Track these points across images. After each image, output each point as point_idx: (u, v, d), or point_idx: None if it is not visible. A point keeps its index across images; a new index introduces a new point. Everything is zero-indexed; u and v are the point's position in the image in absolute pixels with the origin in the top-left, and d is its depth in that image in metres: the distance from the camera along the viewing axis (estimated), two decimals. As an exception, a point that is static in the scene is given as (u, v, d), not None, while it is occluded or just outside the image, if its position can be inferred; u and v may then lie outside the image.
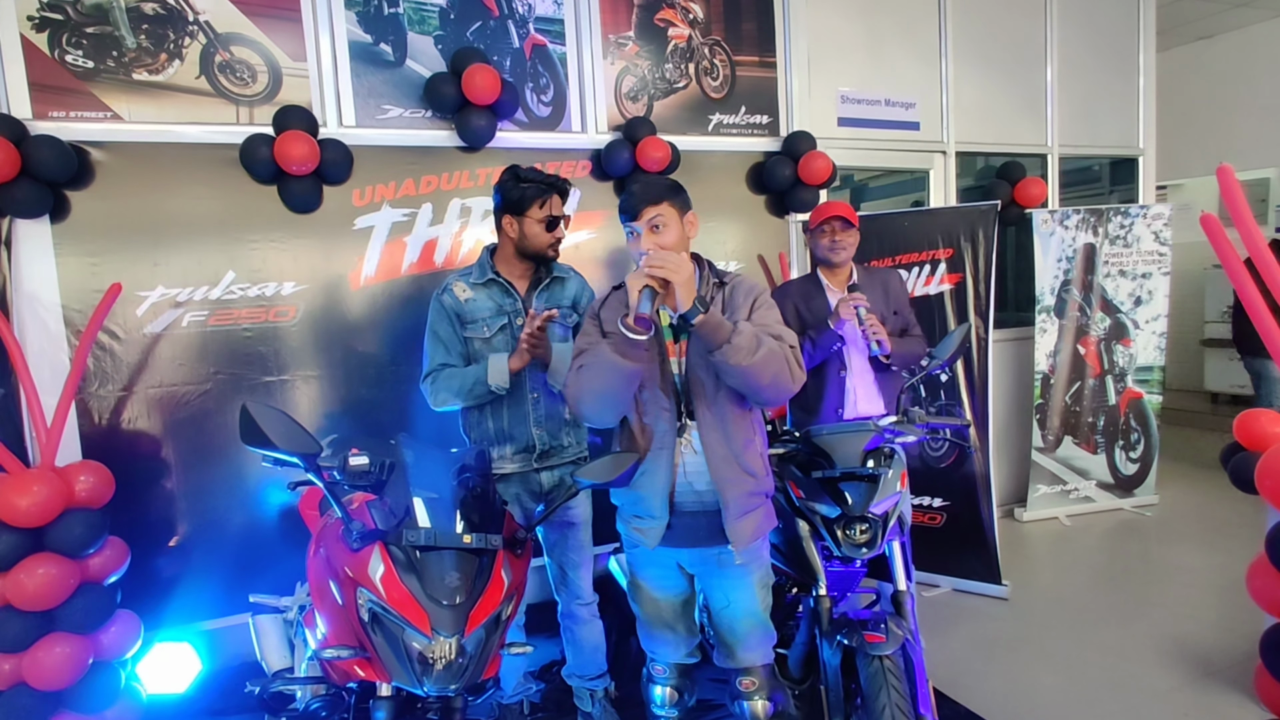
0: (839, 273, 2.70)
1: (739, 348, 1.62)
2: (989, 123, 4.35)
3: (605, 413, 1.76)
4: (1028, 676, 2.73)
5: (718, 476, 1.79)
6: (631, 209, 1.75)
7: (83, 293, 2.65)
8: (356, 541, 1.55)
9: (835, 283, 2.70)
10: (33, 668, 2.20)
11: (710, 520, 1.83)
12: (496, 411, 2.27)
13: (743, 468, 1.81)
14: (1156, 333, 4.36)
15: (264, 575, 2.80)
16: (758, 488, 1.85)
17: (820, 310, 2.66)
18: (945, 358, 2.30)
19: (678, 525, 1.84)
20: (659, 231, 1.74)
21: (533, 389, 2.28)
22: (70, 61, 2.63)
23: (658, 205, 1.74)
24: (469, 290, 2.28)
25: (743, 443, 1.82)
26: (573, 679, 2.46)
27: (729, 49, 3.64)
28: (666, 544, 1.86)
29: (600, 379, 1.68)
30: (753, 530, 1.84)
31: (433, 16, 3.10)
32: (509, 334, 2.27)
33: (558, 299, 2.34)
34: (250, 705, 2.53)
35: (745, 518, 1.82)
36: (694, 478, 1.83)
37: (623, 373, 1.66)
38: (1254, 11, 6.24)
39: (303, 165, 2.73)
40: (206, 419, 2.84)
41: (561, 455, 2.35)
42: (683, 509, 1.84)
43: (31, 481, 2.17)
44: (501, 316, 2.27)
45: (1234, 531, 3.94)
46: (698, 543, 1.85)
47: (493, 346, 2.26)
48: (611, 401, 1.73)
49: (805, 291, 2.73)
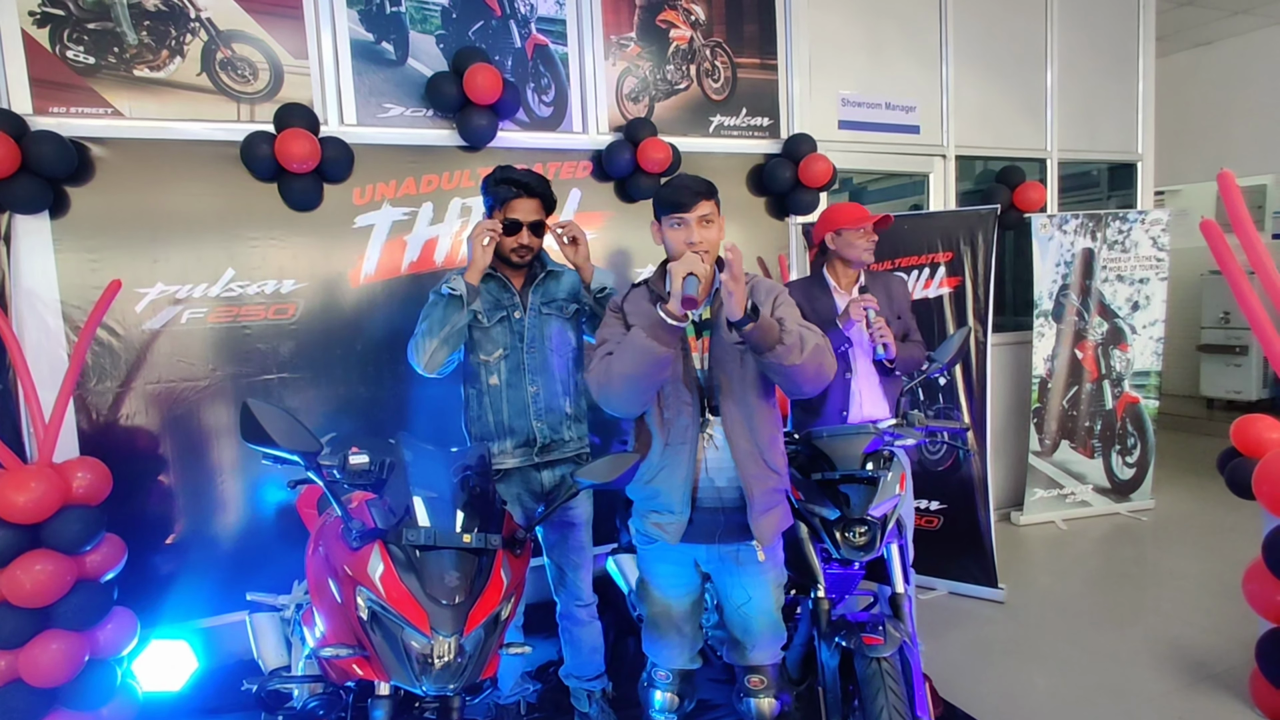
0: (847, 274, 2.65)
1: (791, 348, 1.67)
2: (989, 127, 4.37)
3: (634, 400, 1.76)
4: (1023, 679, 2.74)
5: (744, 472, 1.81)
6: (683, 202, 1.78)
7: (82, 289, 2.65)
8: (356, 540, 1.55)
9: (842, 284, 2.66)
10: (28, 665, 2.19)
11: (729, 517, 1.84)
12: (497, 405, 2.28)
13: (767, 464, 1.84)
14: (1154, 338, 4.37)
15: (261, 573, 2.80)
16: (779, 484, 1.88)
17: (826, 311, 2.62)
18: (944, 361, 2.31)
19: (697, 521, 1.85)
20: (708, 226, 1.79)
21: (532, 381, 2.28)
22: (71, 57, 2.62)
23: (709, 200, 1.80)
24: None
25: (768, 439, 1.84)
26: (570, 679, 2.46)
27: (730, 51, 3.65)
28: (686, 540, 1.86)
29: (633, 364, 1.68)
30: (775, 526, 1.86)
31: (435, 15, 3.10)
32: (507, 327, 2.28)
33: (554, 293, 2.34)
34: (247, 703, 2.53)
35: (769, 514, 1.84)
36: (715, 474, 1.84)
37: (656, 358, 1.67)
38: (1253, 18, 6.26)
39: (303, 163, 2.73)
40: (204, 416, 2.84)
41: (563, 450, 2.35)
42: (703, 505, 1.85)
43: (29, 478, 2.17)
44: (500, 310, 2.27)
45: (1230, 537, 3.95)
46: (716, 539, 1.86)
47: (490, 338, 2.26)
48: (643, 388, 1.73)
49: (810, 292, 2.69)
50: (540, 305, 2.31)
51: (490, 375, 2.27)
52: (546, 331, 2.31)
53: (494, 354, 2.27)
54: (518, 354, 2.28)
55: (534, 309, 2.30)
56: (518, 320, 2.28)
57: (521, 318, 2.28)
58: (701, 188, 1.79)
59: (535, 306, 2.30)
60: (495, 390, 2.27)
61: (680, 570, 1.93)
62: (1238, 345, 6.34)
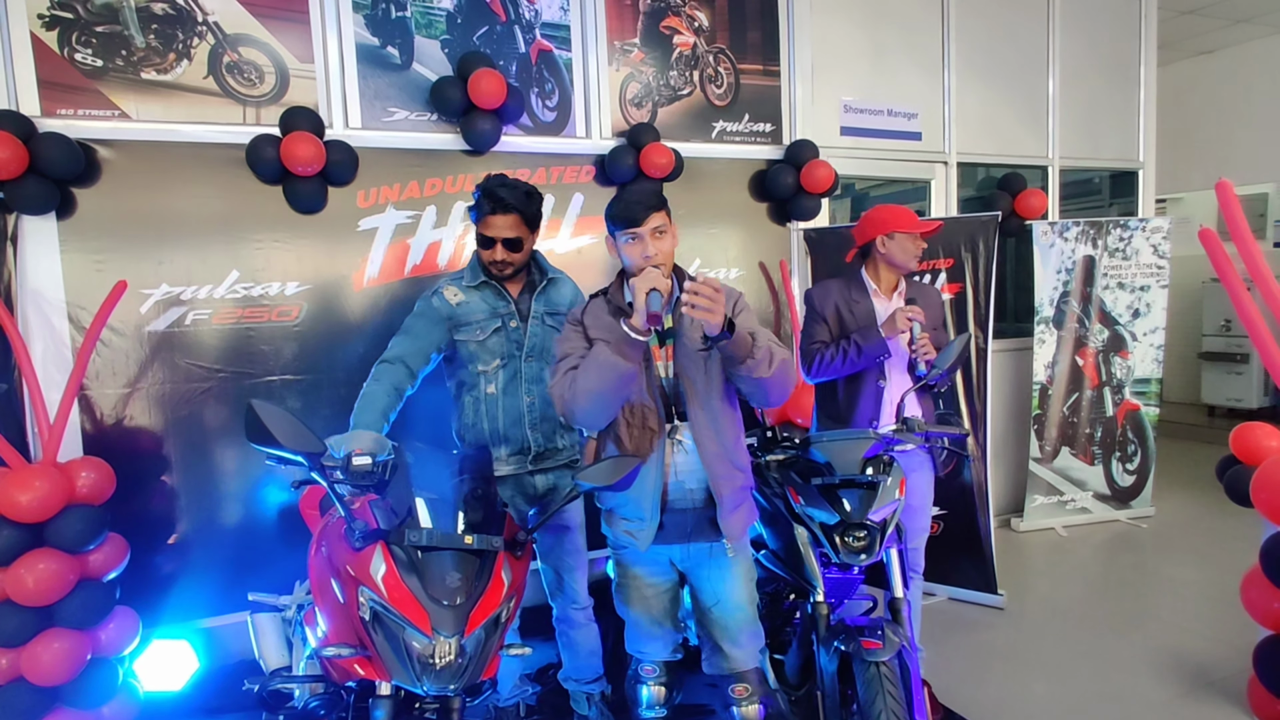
0: (888, 278, 2.55)
1: (761, 361, 1.73)
2: (990, 134, 4.38)
3: (600, 414, 1.80)
4: (1022, 686, 2.74)
5: (712, 473, 1.85)
6: (633, 216, 1.78)
7: (87, 289, 2.66)
8: (359, 541, 1.56)
9: (882, 288, 2.55)
10: (31, 663, 2.20)
11: (699, 515, 1.89)
12: (493, 413, 2.28)
13: (733, 464, 1.90)
14: (1154, 345, 4.38)
15: (262, 574, 2.81)
16: (745, 483, 1.94)
17: (865, 315, 2.51)
18: (945, 367, 2.31)
19: (669, 523, 1.90)
20: (662, 237, 1.80)
21: (529, 391, 2.29)
22: (79, 60, 2.64)
23: (659, 212, 1.81)
24: (461, 294, 2.27)
25: (732, 439, 1.90)
26: (569, 683, 2.46)
27: (733, 57, 3.67)
28: (658, 543, 1.90)
29: (598, 380, 1.72)
30: (743, 523, 1.93)
31: (440, 20, 3.13)
32: (503, 336, 2.26)
33: (555, 302, 2.34)
34: (248, 703, 2.53)
35: (737, 511, 1.90)
36: (685, 476, 1.89)
37: (621, 374, 1.71)
38: (1254, 28, 6.28)
39: (308, 166, 2.75)
40: (208, 417, 2.85)
41: (556, 458, 2.36)
42: (674, 507, 1.90)
43: (33, 477, 2.18)
44: (495, 319, 2.26)
45: (1230, 544, 3.95)
46: (689, 538, 1.91)
47: (487, 349, 2.25)
48: (608, 401, 1.77)
49: (848, 294, 2.56)
50: (544, 314, 2.30)
51: (488, 384, 2.27)
52: (549, 342, 2.28)
53: (491, 364, 2.26)
54: (515, 363, 2.28)
55: (537, 318, 2.29)
56: (514, 329, 2.26)
57: (519, 326, 2.27)
58: (651, 201, 1.80)
59: (539, 315, 2.29)
60: (491, 399, 2.27)
61: (656, 568, 1.98)
62: (1239, 353, 6.33)
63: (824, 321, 2.56)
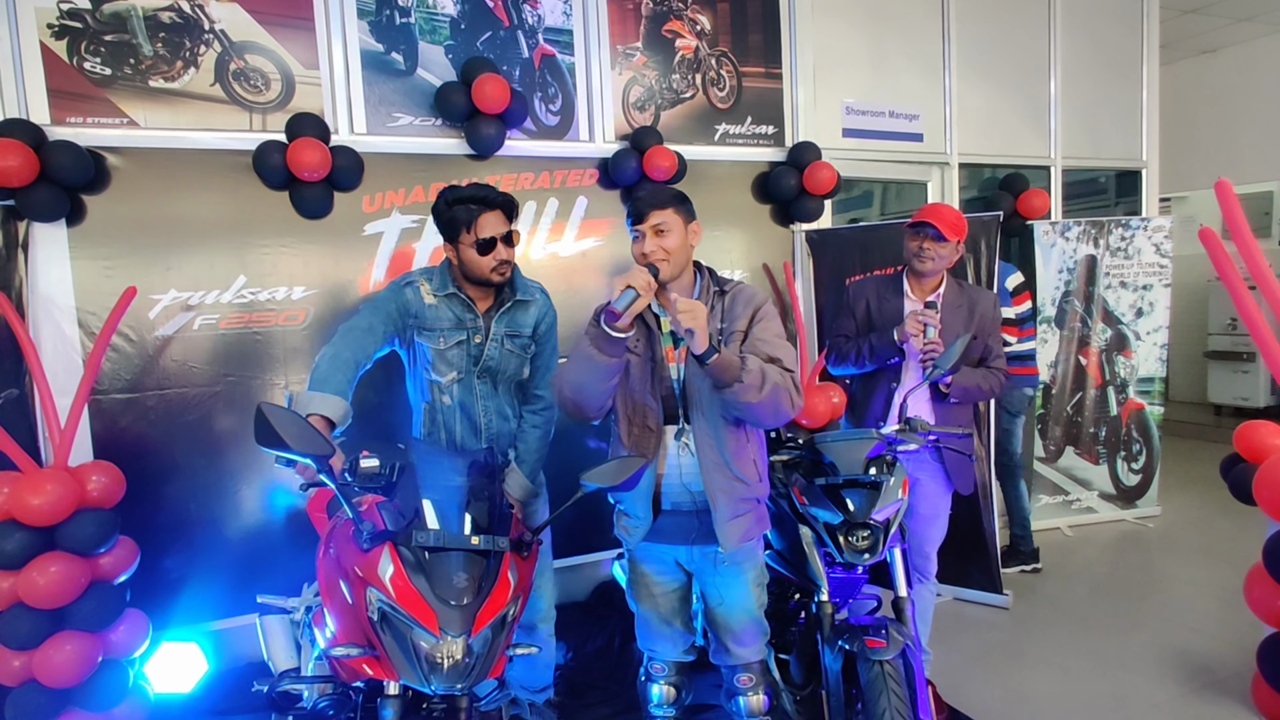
0: (926, 281, 2.53)
1: (749, 386, 1.69)
2: (992, 134, 4.39)
3: (585, 404, 1.82)
4: (1027, 685, 2.75)
5: (708, 480, 1.86)
6: (638, 213, 1.83)
7: (97, 295, 2.69)
8: (367, 542, 1.57)
9: (918, 290, 2.54)
10: (43, 665, 2.22)
11: (703, 519, 1.89)
12: (450, 424, 2.28)
13: (733, 473, 1.87)
14: (1158, 344, 4.38)
15: (271, 576, 2.82)
16: (749, 493, 1.90)
17: (892, 315, 2.51)
18: (945, 369, 2.32)
19: (671, 524, 1.91)
20: (663, 235, 1.82)
21: (484, 408, 2.29)
22: (88, 69, 2.67)
23: (663, 210, 1.82)
24: (433, 296, 2.23)
25: (734, 449, 1.88)
26: (518, 689, 2.45)
27: (735, 60, 3.69)
28: (659, 541, 1.93)
29: (577, 372, 1.77)
30: (741, 533, 1.89)
31: (444, 26, 3.15)
32: (464, 350, 2.24)
33: (519, 324, 2.29)
34: (257, 704, 2.56)
35: (734, 521, 1.88)
36: (689, 478, 1.89)
37: (596, 368, 1.73)
38: (1257, 26, 6.27)
39: (314, 172, 2.77)
40: (216, 421, 2.87)
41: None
42: (679, 509, 1.91)
43: (45, 481, 2.20)
44: (460, 331, 2.22)
45: (1236, 543, 3.94)
46: (692, 540, 1.92)
47: (446, 360, 2.23)
48: (590, 393, 1.79)
49: (883, 291, 2.58)
50: (505, 336, 2.26)
51: (443, 395, 2.27)
52: (505, 364, 2.27)
53: (448, 375, 2.25)
54: (470, 378, 2.26)
55: (496, 339, 2.25)
56: (476, 345, 2.24)
57: (481, 343, 2.24)
58: (655, 199, 1.83)
59: (499, 337, 2.25)
60: (448, 409, 2.27)
61: (662, 566, 2.00)
62: (1245, 352, 6.32)
63: (853, 316, 2.63)
